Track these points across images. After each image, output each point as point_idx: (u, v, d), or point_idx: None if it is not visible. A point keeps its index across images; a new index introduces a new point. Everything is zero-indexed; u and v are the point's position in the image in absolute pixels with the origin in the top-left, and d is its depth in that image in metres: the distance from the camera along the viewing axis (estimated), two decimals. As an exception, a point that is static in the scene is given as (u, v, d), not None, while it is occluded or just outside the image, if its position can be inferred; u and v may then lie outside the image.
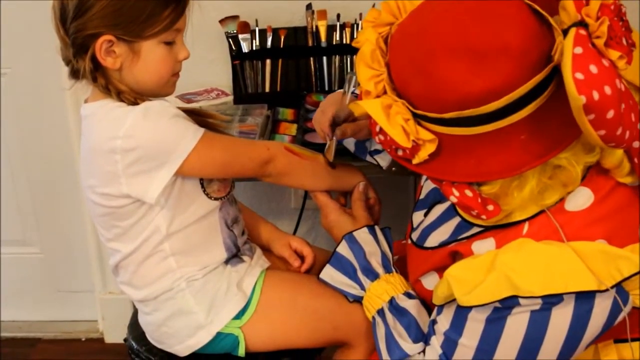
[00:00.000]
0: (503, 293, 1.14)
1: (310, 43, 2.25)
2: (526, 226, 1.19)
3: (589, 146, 1.15)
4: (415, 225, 1.47)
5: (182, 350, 1.53)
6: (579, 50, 0.99)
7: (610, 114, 0.98)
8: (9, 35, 2.42)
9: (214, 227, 1.52)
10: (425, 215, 1.44)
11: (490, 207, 1.16)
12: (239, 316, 1.51)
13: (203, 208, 1.49)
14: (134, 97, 1.38)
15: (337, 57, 2.26)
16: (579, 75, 0.97)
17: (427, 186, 1.50)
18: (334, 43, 2.25)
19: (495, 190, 1.16)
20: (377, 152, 1.67)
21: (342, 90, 1.58)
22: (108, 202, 1.42)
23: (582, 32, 1.01)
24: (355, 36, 2.22)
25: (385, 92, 1.17)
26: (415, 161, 1.16)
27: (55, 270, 2.80)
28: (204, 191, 1.48)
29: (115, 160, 1.35)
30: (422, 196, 1.51)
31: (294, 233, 2.16)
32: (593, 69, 0.98)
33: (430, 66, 1.08)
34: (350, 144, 1.73)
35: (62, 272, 2.80)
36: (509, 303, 1.16)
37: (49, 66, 2.33)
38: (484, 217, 1.17)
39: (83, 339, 2.81)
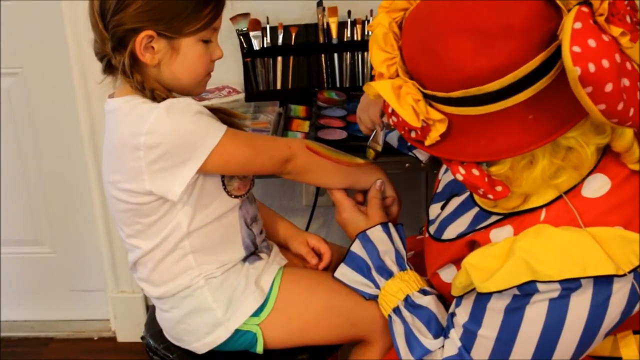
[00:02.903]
0: (522, 278, 1.15)
1: (321, 40, 2.26)
2: (543, 213, 1.20)
3: (599, 127, 1.15)
4: (432, 218, 1.47)
5: (200, 347, 1.53)
6: (578, 25, 1.00)
7: (609, 87, 0.99)
8: (19, 35, 2.42)
9: (233, 226, 1.52)
10: (442, 208, 1.44)
11: (499, 188, 1.16)
12: (257, 313, 1.51)
13: (223, 206, 1.49)
14: (166, 95, 1.39)
15: (348, 54, 2.27)
16: (576, 49, 0.98)
17: (444, 179, 1.50)
18: (345, 40, 2.26)
19: (504, 171, 1.17)
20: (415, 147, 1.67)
21: None
22: (131, 198, 1.42)
23: (585, 9, 1.02)
24: (366, 33, 2.24)
25: (397, 75, 1.18)
26: (427, 142, 1.17)
27: (67, 270, 2.79)
28: (225, 189, 1.48)
29: (138, 157, 1.35)
30: (439, 189, 1.51)
31: (306, 230, 2.16)
32: (591, 42, 0.99)
33: (437, 46, 1.10)
34: (393, 139, 1.73)
35: (74, 272, 2.79)
36: (527, 289, 1.16)
37: (60, 65, 2.37)
38: (490, 196, 1.17)
39: (95, 338, 2.80)
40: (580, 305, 1.16)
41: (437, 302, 1.42)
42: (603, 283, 1.15)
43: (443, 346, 1.34)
